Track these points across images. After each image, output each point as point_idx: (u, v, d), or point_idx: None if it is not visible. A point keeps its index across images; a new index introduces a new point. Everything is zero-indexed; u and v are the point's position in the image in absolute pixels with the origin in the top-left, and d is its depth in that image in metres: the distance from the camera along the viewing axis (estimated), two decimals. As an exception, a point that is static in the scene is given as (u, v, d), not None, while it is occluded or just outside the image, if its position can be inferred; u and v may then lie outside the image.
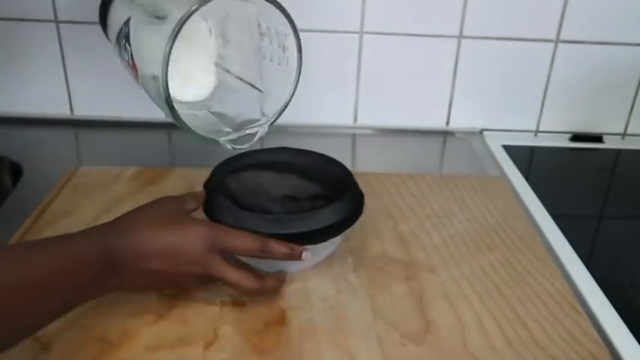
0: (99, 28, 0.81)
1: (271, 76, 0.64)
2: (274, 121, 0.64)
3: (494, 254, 0.62)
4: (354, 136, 0.91)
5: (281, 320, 0.52)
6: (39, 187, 0.70)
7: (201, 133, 0.59)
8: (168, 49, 0.53)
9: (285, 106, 0.63)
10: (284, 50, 0.59)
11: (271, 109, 0.63)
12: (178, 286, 0.52)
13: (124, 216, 0.50)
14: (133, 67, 0.60)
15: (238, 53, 0.67)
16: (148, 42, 0.58)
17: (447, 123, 0.92)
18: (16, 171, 0.76)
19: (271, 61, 0.62)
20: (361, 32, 0.84)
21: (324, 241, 0.56)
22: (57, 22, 0.83)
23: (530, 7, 0.84)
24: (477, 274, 0.59)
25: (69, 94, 0.88)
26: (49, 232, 0.62)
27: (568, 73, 0.88)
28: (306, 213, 0.54)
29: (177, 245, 0.49)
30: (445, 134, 0.92)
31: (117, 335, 0.49)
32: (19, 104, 0.88)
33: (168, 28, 0.53)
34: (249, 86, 0.65)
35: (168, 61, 0.53)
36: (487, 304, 0.55)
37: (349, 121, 0.91)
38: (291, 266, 0.56)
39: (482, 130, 0.92)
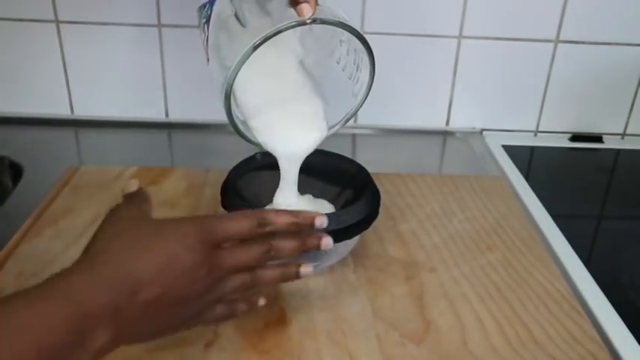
0: (99, 28, 0.81)
1: (332, 87, 0.57)
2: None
3: (494, 254, 0.62)
4: (354, 136, 0.91)
5: (281, 320, 0.52)
6: (39, 187, 0.70)
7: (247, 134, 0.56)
8: (234, 73, 0.47)
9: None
10: (357, 69, 0.54)
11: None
12: (187, 313, 0.41)
13: (89, 249, 0.40)
14: (205, 47, 0.56)
15: (316, 44, 0.57)
16: (224, 41, 0.53)
17: (447, 123, 0.92)
18: (16, 171, 0.76)
19: (343, 70, 0.56)
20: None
21: (352, 237, 0.56)
22: (57, 22, 0.83)
23: (530, 8, 0.84)
24: (476, 274, 0.59)
25: (69, 94, 0.88)
26: (49, 231, 0.62)
27: (568, 73, 0.88)
28: (337, 210, 0.55)
29: (168, 255, 0.38)
30: (445, 134, 0.92)
31: (117, 335, 0.49)
32: (19, 104, 0.88)
33: (246, 39, 0.47)
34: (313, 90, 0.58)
35: (236, 74, 0.48)
36: (487, 304, 0.55)
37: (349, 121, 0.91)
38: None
39: (482, 130, 0.92)
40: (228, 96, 0.49)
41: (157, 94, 0.88)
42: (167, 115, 0.90)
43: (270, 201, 0.59)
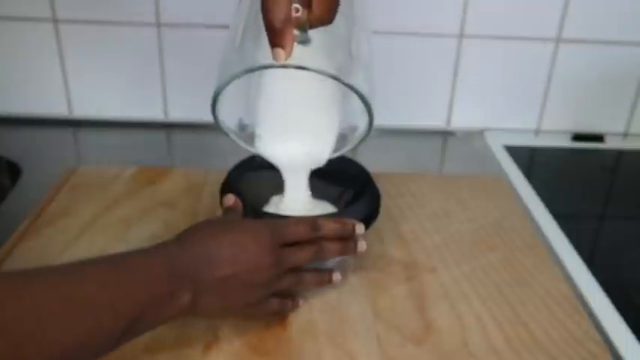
0: (98, 27, 0.80)
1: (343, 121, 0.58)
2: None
3: (495, 254, 0.62)
4: (354, 135, 0.90)
5: (281, 322, 0.52)
6: (38, 187, 0.70)
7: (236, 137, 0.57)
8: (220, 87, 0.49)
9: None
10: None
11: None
12: (252, 298, 0.48)
13: (180, 234, 0.48)
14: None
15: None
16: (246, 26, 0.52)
17: (448, 123, 0.92)
18: (14, 171, 0.76)
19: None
20: (361, 31, 0.84)
21: None
22: (55, 21, 0.83)
23: (531, 6, 0.84)
24: (477, 274, 0.59)
25: (67, 94, 0.88)
26: (47, 231, 0.62)
27: (569, 72, 0.88)
28: (339, 211, 0.56)
29: (243, 245, 0.47)
30: (446, 134, 0.92)
31: (116, 336, 0.49)
32: (17, 104, 0.88)
33: (242, 55, 0.49)
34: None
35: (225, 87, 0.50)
36: (488, 305, 0.55)
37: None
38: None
39: (483, 130, 0.92)
40: (215, 99, 0.50)
41: (155, 93, 0.88)
42: (166, 115, 0.90)
43: (269, 201, 0.59)
